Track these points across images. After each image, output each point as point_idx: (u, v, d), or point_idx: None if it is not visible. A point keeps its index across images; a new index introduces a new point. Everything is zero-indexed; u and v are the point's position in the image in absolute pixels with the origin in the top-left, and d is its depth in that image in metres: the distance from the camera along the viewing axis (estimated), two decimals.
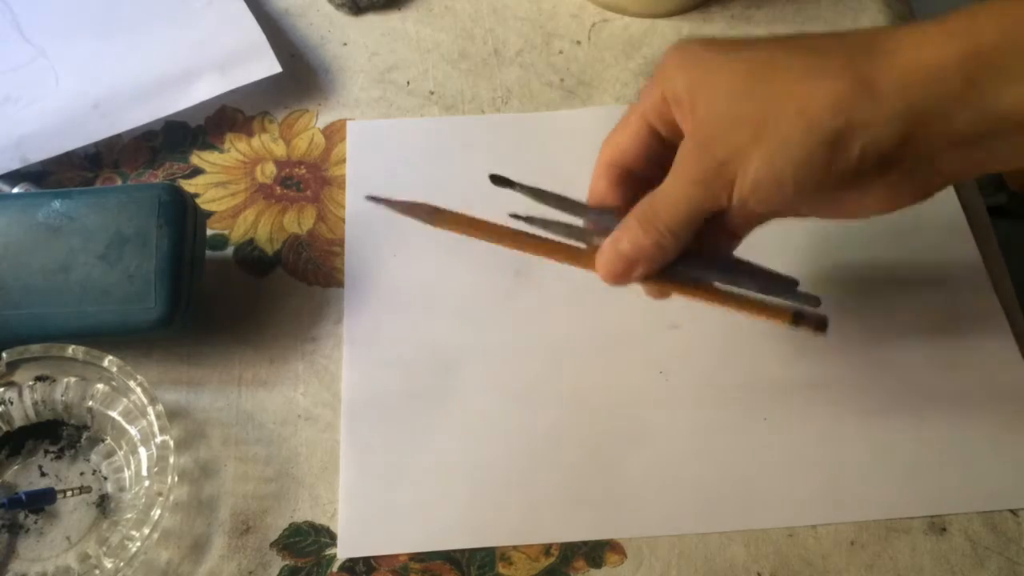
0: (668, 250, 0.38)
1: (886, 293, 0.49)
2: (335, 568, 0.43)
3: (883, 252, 0.51)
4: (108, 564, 0.41)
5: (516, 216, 0.40)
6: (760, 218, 0.38)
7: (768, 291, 0.40)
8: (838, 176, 0.33)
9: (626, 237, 0.38)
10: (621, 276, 0.39)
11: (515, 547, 0.43)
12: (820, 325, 0.40)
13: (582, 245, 0.42)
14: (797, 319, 0.40)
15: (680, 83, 0.36)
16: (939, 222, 0.52)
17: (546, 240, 0.41)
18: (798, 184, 0.34)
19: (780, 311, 0.40)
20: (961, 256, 0.51)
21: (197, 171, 0.54)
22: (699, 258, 0.39)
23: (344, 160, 0.54)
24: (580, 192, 0.43)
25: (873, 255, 0.51)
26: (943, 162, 0.33)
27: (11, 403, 0.45)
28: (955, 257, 0.51)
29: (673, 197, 0.37)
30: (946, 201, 0.52)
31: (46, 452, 0.45)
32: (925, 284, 0.50)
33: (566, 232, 0.41)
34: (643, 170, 0.40)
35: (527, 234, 0.40)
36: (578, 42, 0.59)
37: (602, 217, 0.40)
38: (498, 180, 0.42)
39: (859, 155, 0.33)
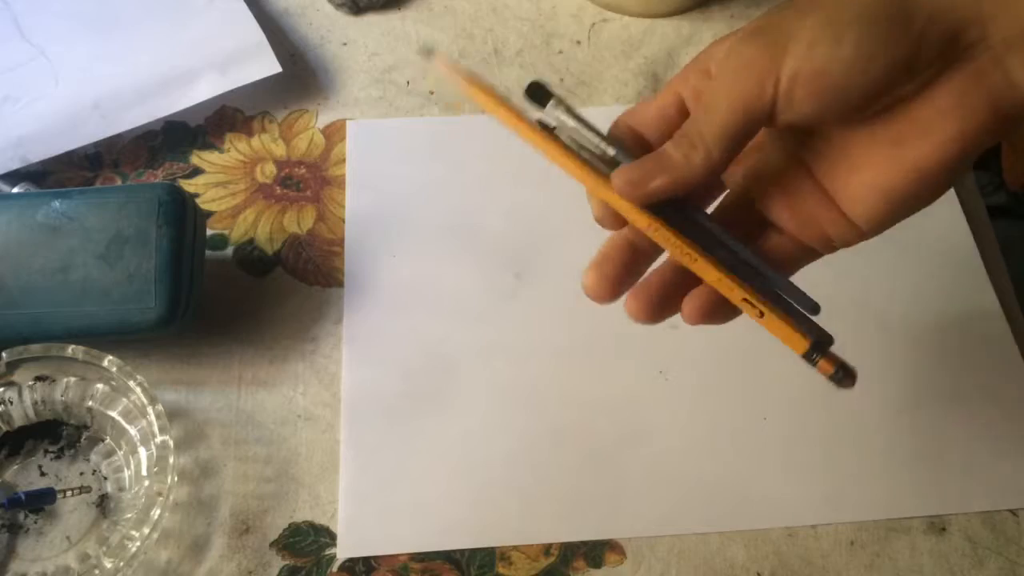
0: (697, 166, 0.31)
1: (886, 293, 0.49)
2: (335, 568, 0.43)
3: (882, 252, 0.51)
4: (108, 564, 0.41)
5: (544, 124, 0.35)
6: (807, 130, 0.32)
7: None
8: (900, 62, 0.29)
9: (653, 155, 0.32)
10: (637, 185, 0.32)
11: (515, 547, 0.43)
12: (846, 378, 0.33)
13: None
14: (815, 352, 0.33)
15: (721, 49, 0.32)
16: (939, 222, 0.52)
17: (574, 154, 0.34)
18: (853, 68, 0.29)
19: (793, 332, 0.32)
20: (961, 256, 0.51)
21: (197, 171, 0.54)
22: (718, 225, 0.33)
23: (344, 160, 0.54)
24: (582, 193, 0.43)
25: (872, 255, 0.50)
26: (1018, 66, 0.29)
27: (11, 403, 0.45)
28: (955, 257, 0.51)
29: (711, 97, 0.31)
30: (946, 201, 0.52)
31: (46, 452, 0.45)
32: (925, 284, 0.50)
33: (593, 157, 0.34)
34: (657, 143, 0.34)
35: (556, 138, 0.34)
36: (578, 42, 0.59)
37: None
38: (536, 90, 0.35)
39: (922, 29, 0.29)
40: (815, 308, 0.33)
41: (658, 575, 0.43)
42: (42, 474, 0.45)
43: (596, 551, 0.43)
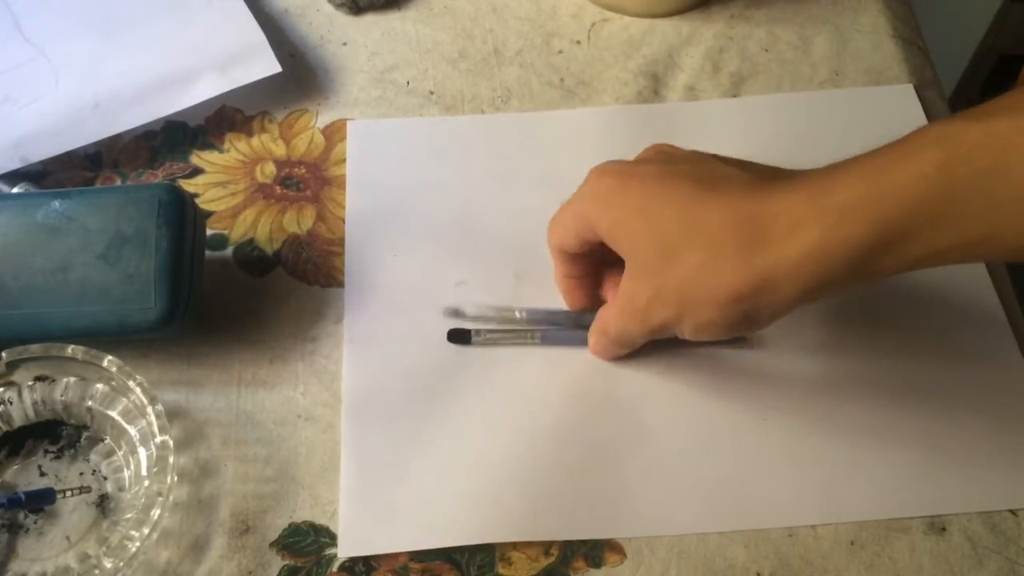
0: (629, 351, 0.46)
1: (885, 293, 0.49)
2: (335, 568, 0.43)
3: None
4: (108, 564, 0.41)
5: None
6: None
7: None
8: (744, 329, 0.40)
9: (593, 339, 0.46)
10: (605, 359, 0.48)
11: (515, 547, 0.43)
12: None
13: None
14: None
15: (603, 224, 0.41)
16: None
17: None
18: (724, 334, 0.40)
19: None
20: None
21: (197, 171, 0.54)
22: None
23: (344, 160, 0.54)
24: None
25: None
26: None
27: (11, 403, 0.45)
28: None
29: (616, 329, 0.43)
30: None
31: (46, 452, 0.45)
32: (925, 284, 0.50)
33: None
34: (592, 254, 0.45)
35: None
36: (578, 42, 0.59)
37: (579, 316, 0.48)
38: (458, 336, 0.48)
39: (768, 318, 0.39)
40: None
41: (658, 575, 0.43)
42: (42, 474, 0.45)
43: (596, 551, 0.43)
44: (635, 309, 0.41)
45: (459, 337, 0.48)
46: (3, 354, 0.44)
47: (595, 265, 0.46)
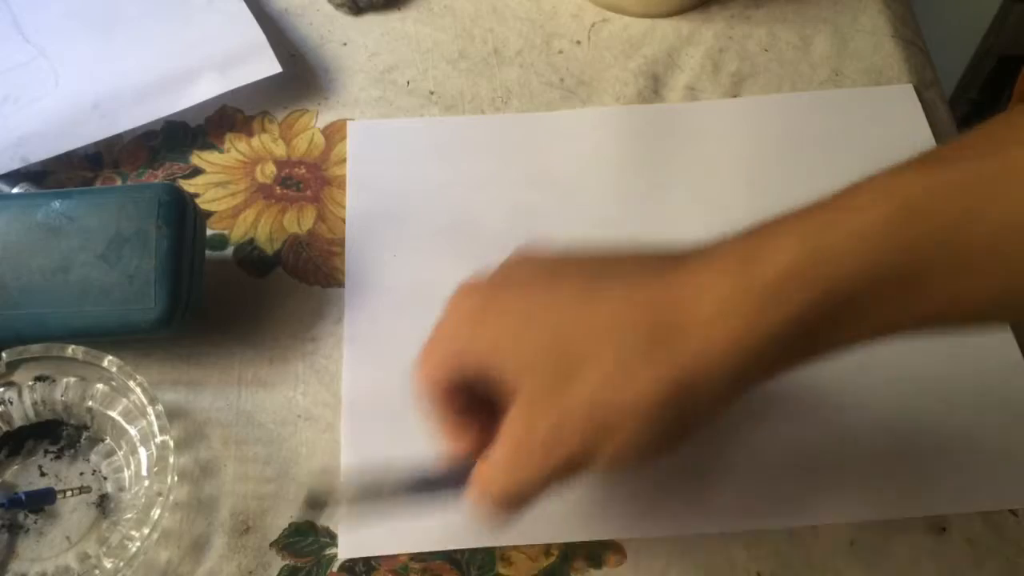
0: (519, 512, 0.35)
1: None
2: (335, 568, 0.43)
3: None
4: (108, 564, 0.41)
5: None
6: None
7: None
8: (678, 441, 0.33)
9: (473, 503, 0.36)
10: (488, 528, 0.40)
11: (515, 547, 0.43)
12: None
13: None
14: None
15: (478, 348, 0.34)
16: None
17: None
18: (649, 455, 0.33)
19: None
20: None
21: (197, 171, 0.54)
22: None
23: (344, 160, 0.54)
24: (583, 193, 0.43)
25: None
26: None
27: (11, 403, 0.45)
28: None
29: (504, 482, 0.34)
30: None
31: (46, 452, 0.45)
32: None
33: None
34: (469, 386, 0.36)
35: None
36: (578, 42, 0.59)
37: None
38: (315, 502, 0.42)
39: (703, 421, 0.32)
40: None
41: (658, 575, 0.43)
42: (42, 474, 0.45)
43: (596, 551, 0.43)
44: (531, 448, 0.32)
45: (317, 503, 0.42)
46: (3, 354, 0.44)
47: (478, 403, 0.37)
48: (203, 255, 0.48)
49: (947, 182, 0.28)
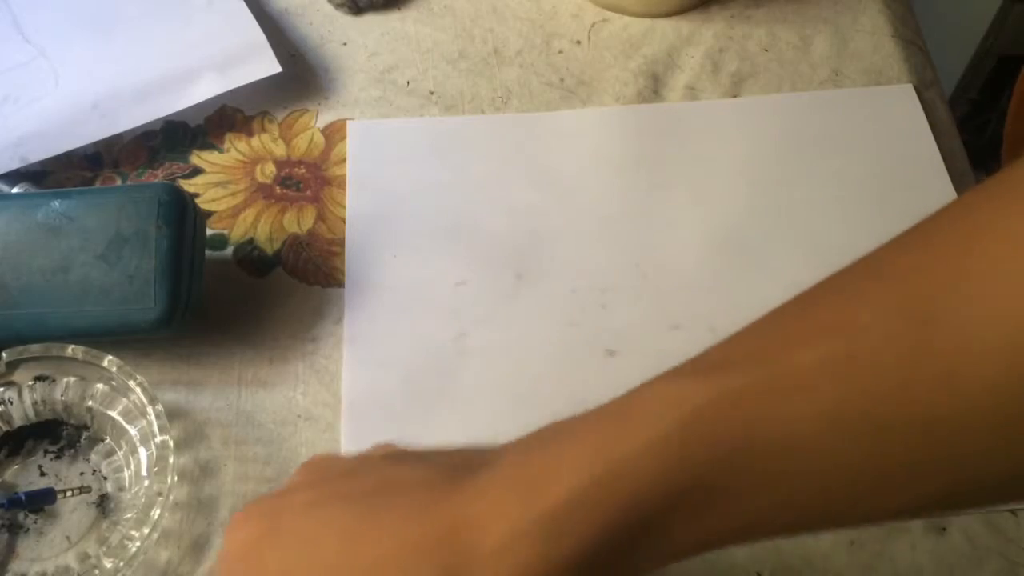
0: None
1: None
2: None
3: None
4: (108, 564, 0.41)
5: None
6: None
7: None
8: None
9: None
10: None
11: None
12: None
13: None
14: None
15: None
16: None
17: None
18: None
19: None
20: None
21: (197, 171, 0.54)
22: None
23: (344, 160, 0.54)
24: (583, 193, 0.42)
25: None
26: None
27: (11, 403, 0.45)
28: None
29: None
30: (946, 201, 0.52)
31: (46, 452, 0.45)
32: None
33: None
34: None
35: None
36: (578, 42, 0.59)
37: None
38: None
39: None
40: None
41: (658, 575, 0.43)
42: (42, 474, 0.45)
43: None
44: None
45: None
46: (3, 354, 0.44)
47: None
48: (203, 255, 0.48)
49: (728, 391, 0.26)
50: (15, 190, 0.51)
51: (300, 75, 0.58)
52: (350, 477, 0.31)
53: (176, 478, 0.42)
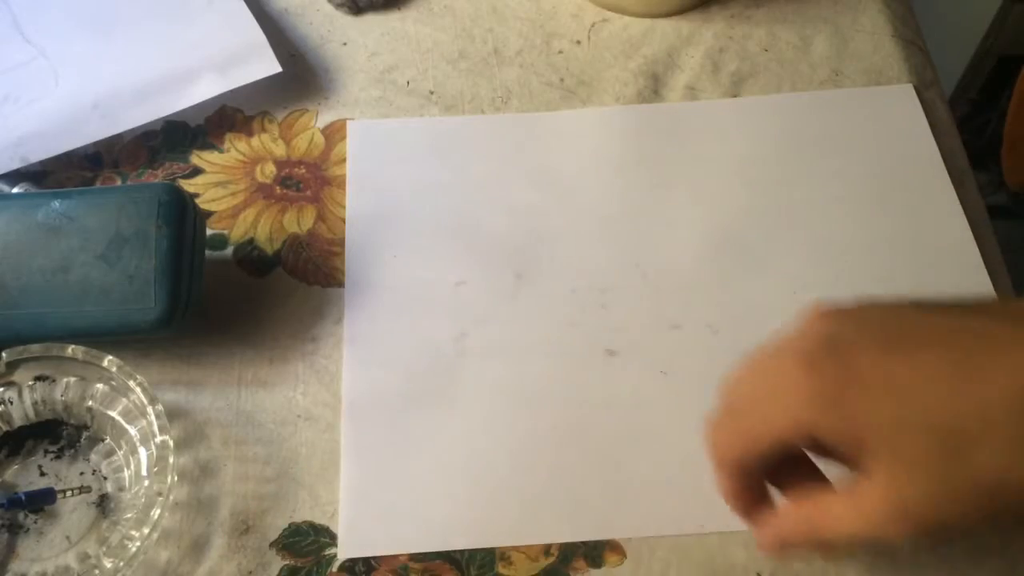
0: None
1: (886, 293, 0.49)
2: (335, 568, 0.43)
3: (882, 252, 0.51)
4: (108, 564, 0.41)
5: None
6: None
7: None
8: None
9: (788, 538, 0.36)
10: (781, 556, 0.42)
11: (515, 547, 0.43)
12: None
13: None
14: None
15: (834, 425, 0.33)
16: (939, 222, 0.52)
17: None
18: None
19: None
20: (961, 256, 0.51)
21: (197, 171, 0.54)
22: None
23: (344, 160, 0.54)
24: (583, 193, 0.42)
25: (872, 255, 0.51)
26: None
27: (11, 403, 0.45)
28: (955, 257, 0.51)
29: (853, 531, 0.33)
30: (946, 201, 0.52)
31: (46, 452, 0.45)
32: (924, 285, 0.50)
33: None
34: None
35: None
36: (578, 42, 0.59)
37: None
38: None
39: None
40: None
41: (658, 575, 0.43)
42: (42, 474, 0.45)
43: (596, 551, 0.43)
44: (905, 511, 0.32)
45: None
46: (3, 354, 0.44)
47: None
48: (203, 255, 0.48)
49: None
50: (15, 190, 0.52)
51: (300, 75, 0.58)
52: (912, 328, 0.32)
53: (176, 478, 0.42)
